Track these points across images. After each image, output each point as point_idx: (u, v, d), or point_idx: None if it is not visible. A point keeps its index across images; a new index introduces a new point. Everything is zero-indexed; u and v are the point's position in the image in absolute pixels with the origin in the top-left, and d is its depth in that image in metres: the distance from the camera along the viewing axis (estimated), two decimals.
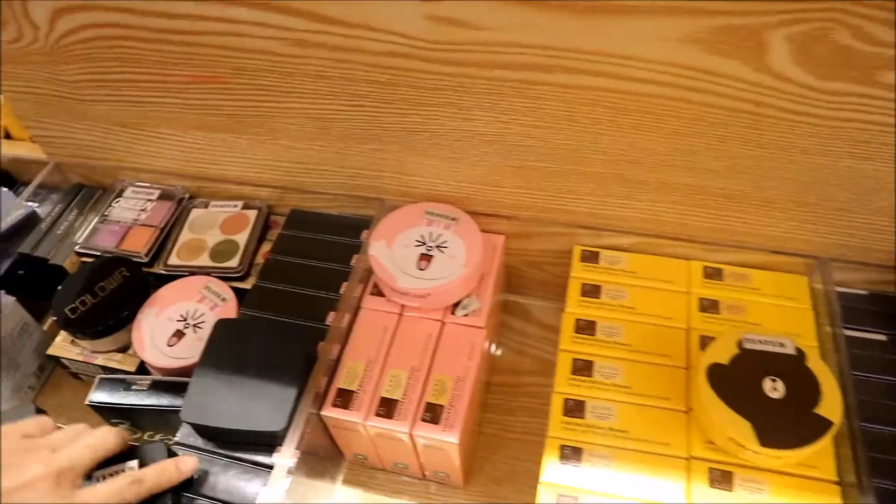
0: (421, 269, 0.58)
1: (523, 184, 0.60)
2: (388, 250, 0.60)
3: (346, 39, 0.52)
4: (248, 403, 0.53)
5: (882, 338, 0.57)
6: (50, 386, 0.71)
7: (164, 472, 0.47)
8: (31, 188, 0.74)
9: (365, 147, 0.61)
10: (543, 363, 0.68)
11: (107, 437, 0.46)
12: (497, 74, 0.51)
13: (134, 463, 0.47)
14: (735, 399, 0.49)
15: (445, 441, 0.53)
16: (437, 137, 0.58)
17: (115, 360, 0.64)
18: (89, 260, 0.70)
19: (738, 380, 0.50)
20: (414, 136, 0.58)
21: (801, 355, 0.51)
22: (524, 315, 0.71)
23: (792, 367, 0.51)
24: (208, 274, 0.66)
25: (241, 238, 0.69)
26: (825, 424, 0.48)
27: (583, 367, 0.56)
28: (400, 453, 0.58)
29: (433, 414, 0.54)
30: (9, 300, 0.66)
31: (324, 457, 0.60)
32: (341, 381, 0.56)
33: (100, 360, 0.64)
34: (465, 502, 0.60)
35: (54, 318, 0.64)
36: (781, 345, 0.52)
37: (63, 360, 0.66)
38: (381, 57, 0.52)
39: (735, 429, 0.48)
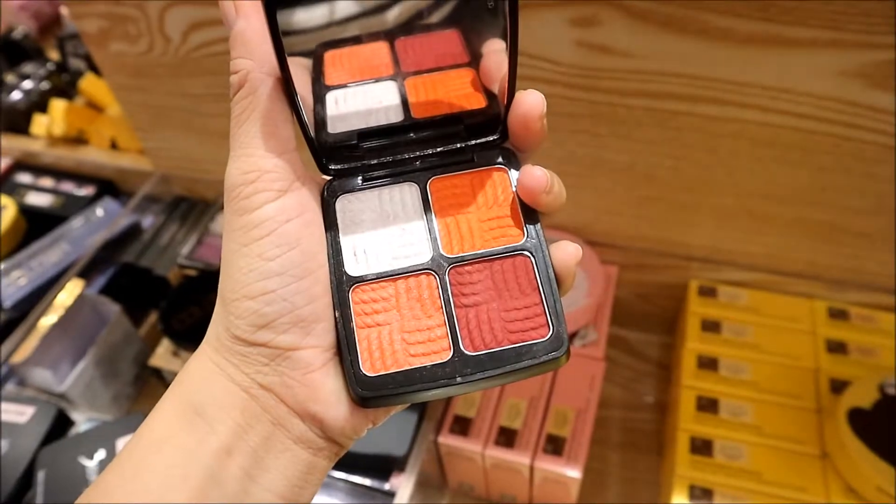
0: None
1: (646, 214, 0.59)
2: None
3: None
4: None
5: None
6: (144, 395, 0.71)
7: None
8: (136, 199, 0.74)
9: None
10: (648, 399, 0.66)
11: None
12: (639, 103, 0.50)
13: None
14: (881, 445, 0.48)
15: (568, 475, 0.52)
16: (564, 164, 0.57)
17: None
18: (192, 272, 0.70)
19: (882, 426, 0.49)
20: (539, 162, 0.58)
21: None
22: (627, 348, 0.70)
23: None
24: None
25: None
26: None
27: (708, 405, 0.54)
28: (512, 485, 0.56)
29: (555, 446, 0.53)
30: (114, 308, 0.66)
31: (430, 485, 0.59)
32: (458, 408, 0.55)
33: None
34: None
35: (160, 329, 0.64)
36: None
37: (163, 372, 0.66)
38: (523, 82, 0.52)
39: (883, 477, 0.46)
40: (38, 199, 0.80)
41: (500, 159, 0.27)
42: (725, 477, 0.51)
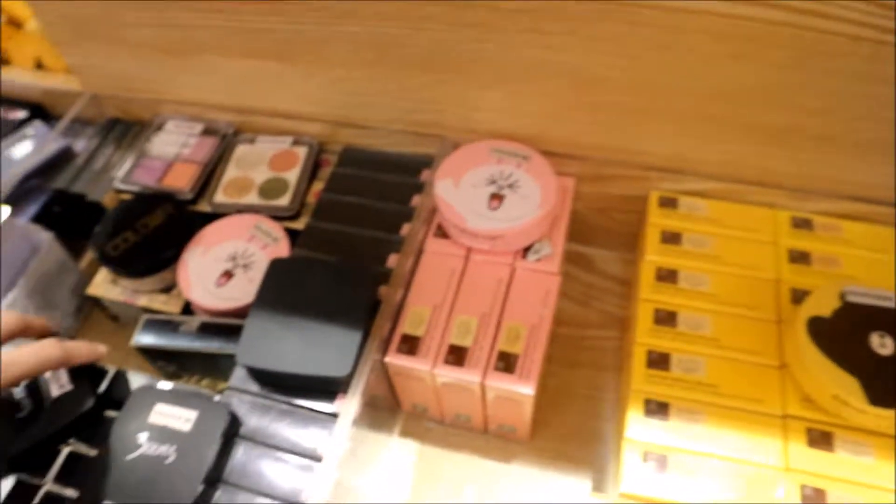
0: (492, 210, 0.54)
1: (600, 121, 0.56)
2: (456, 189, 0.56)
3: None
4: (311, 347, 0.50)
5: None
6: (87, 328, 0.68)
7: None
8: (65, 121, 0.70)
9: (428, 78, 0.57)
10: (608, 316, 0.64)
11: (45, 348, 0.43)
12: None
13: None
14: (839, 354, 0.46)
15: (520, 392, 0.50)
16: (510, 68, 0.53)
17: (160, 301, 0.60)
18: (128, 197, 0.66)
19: (841, 334, 0.47)
20: (485, 65, 0.54)
21: None
22: (586, 264, 0.68)
23: None
24: (257, 212, 0.62)
25: (292, 176, 0.65)
26: None
27: (666, 318, 0.52)
28: (465, 404, 0.54)
29: (507, 363, 0.50)
30: (46, 236, 0.63)
31: (381, 406, 0.57)
32: (406, 327, 0.53)
33: (142, 300, 0.61)
34: (531, 458, 0.57)
35: (94, 256, 0.60)
36: (887, 298, 0.48)
37: (103, 301, 0.63)
38: None
39: (840, 385, 0.45)
40: None
41: None
42: (682, 390, 0.49)
